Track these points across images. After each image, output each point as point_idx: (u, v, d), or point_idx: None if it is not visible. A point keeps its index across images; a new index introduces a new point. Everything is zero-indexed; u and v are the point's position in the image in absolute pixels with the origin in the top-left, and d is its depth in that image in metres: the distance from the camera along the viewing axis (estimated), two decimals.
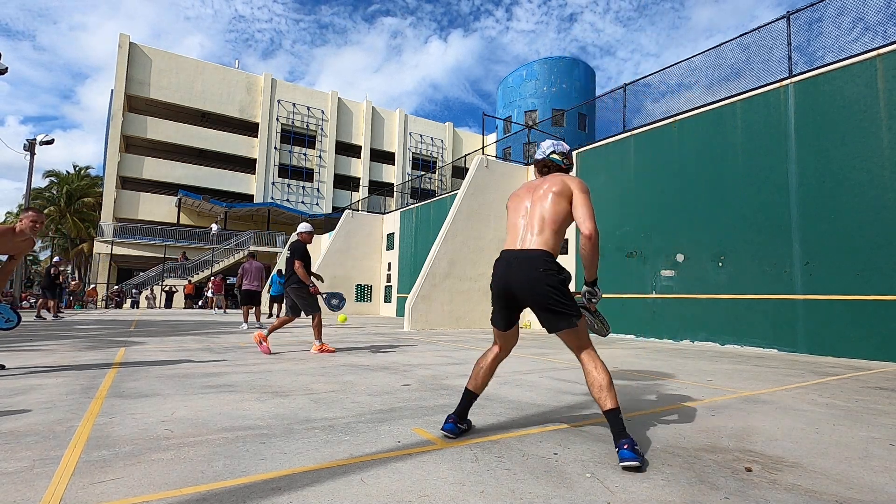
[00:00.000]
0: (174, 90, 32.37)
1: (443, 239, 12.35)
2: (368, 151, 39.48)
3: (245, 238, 30.51)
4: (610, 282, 11.09)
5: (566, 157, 2.59)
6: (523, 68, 30.57)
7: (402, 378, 4.32)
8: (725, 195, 8.90)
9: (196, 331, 9.76)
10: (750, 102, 8.75)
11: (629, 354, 6.85)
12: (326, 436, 2.48)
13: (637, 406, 3.35)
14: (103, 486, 1.77)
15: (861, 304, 7.00)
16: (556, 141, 2.64)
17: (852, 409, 3.37)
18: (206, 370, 4.60)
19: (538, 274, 2.22)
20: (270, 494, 1.72)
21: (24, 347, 6.33)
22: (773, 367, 5.70)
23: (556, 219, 2.31)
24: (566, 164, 2.60)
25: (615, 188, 11.22)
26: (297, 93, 36.70)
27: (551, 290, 2.20)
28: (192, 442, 2.33)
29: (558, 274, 2.23)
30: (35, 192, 34.65)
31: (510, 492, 1.79)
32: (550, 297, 2.20)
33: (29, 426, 2.56)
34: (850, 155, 7.35)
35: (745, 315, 8.39)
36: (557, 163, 2.58)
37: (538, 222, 2.33)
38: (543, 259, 2.25)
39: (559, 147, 2.61)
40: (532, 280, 2.23)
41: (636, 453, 2.03)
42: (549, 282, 2.20)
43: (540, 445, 2.37)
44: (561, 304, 2.20)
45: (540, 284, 2.21)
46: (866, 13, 7.66)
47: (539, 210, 2.36)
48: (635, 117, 11.18)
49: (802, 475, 2.02)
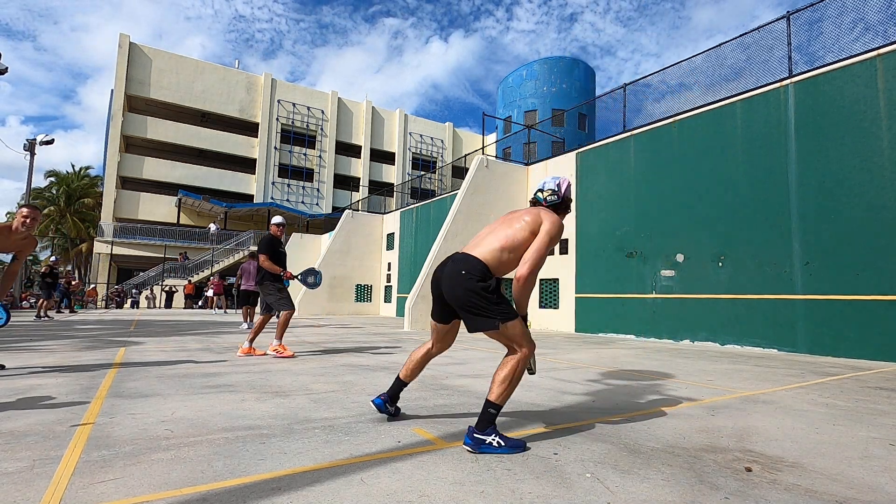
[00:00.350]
0: (174, 90, 32.37)
1: (443, 239, 12.35)
2: (368, 151, 39.47)
3: (245, 238, 30.50)
4: (610, 282, 11.09)
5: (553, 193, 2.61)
6: (523, 68, 30.58)
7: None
8: (725, 195, 8.90)
9: (196, 331, 9.76)
10: (750, 102, 8.75)
11: (629, 354, 6.85)
12: (326, 436, 2.48)
13: (637, 406, 3.35)
14: (103, 486, 1.77)
15: (861, 304, 7.00)
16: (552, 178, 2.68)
17: (852, 409, 3.37)
18: (206, 370, 4.60)
19: (459, 276, 2.30)
20: (270, 494, 1.72)
21: (24, 347, 6.33)
22: (773, 367, 5.70)
23: (511, 241, 2.36)
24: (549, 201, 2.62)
25: (615, 188, 11.22)
26: (297, 93, 36.71)
27: (470, 293, 2.26)
28: (192, 442, 2.33)
29: (480, 280, 2.27)
30: (35, 191, 34.66)
31: (510, 492, 1.79)
32: (466, 302, 2.28)
33: (29, 426, 2.56)
34: (850, 155, 7.35)
35: (745, 315, 8.39)
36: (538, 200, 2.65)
37: (493, 237, 2.41)
38: (472, 264, 2.31)
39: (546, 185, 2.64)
40: (453, 281, 2.32)
41: (474, 440, 2.21)
42: (467, 285, 2.27)
43: (540, 445, 2.37)
44: (477, 307, 2.26)
45: (459, 287, 2.30)
46: (866, 13, 7.66)
47: (503, 229, 2.43)
48: (635, 117, 11.19)
49: (802, 475, 2.02)
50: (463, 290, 2.28)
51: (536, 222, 2.39)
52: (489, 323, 2.25)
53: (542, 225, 2.38)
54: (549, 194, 2.61)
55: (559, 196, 2.61)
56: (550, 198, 2.61)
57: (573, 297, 12.02)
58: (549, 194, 2.61)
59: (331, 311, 20.46)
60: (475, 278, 2.28)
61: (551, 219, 2.41)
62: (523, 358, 2.29)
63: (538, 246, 2.33)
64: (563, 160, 12.94)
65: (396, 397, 2.80)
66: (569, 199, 2.66)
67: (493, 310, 2.26)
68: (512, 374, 2.28)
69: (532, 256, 2.30)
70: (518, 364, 2.29)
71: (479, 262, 2.32)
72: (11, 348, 6.20)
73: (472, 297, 2.26)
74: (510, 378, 2.27)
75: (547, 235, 2.35)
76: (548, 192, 2.61)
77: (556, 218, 2.43)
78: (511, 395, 2.33)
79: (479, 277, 2.28)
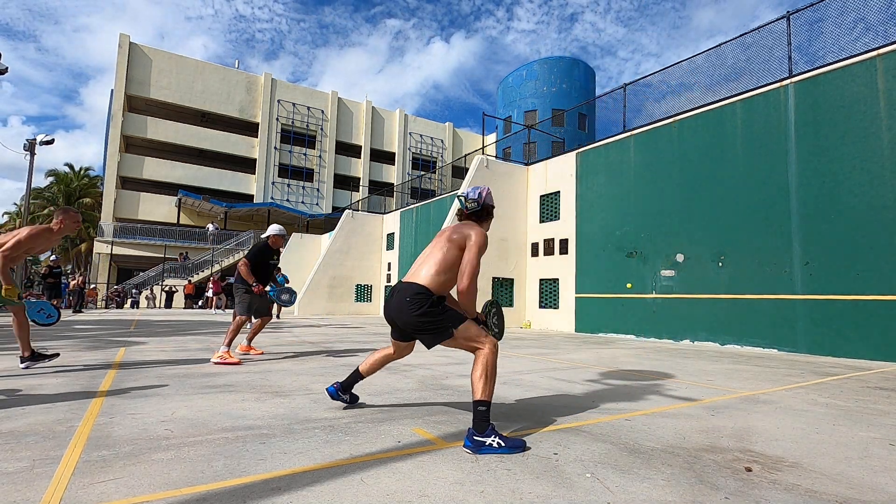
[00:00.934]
0: (174, 90, 32.35)
1: None
2: (368, 151, 39.46)
3: (245, 238, 30.49)
4: (610, 282, 11.09)
5: (474, 202, 2.75)
6: (523, 68, 30.58)
7: (402, 378, 4.32)
8: (725, 195, 8.90)
9: (196, 331, 9.76)
10: (750, 102, 8.75)
11: (629, 354, 6.85)
12: (326, 436, 2.48)
13: (637, 406, 3.35)
14: (103, 486, 1.77)
15: (861, 304, 7.00)
16: (473, 188, 2.80)
17: (852, 409, 3.37)
18: (206, 370, 4.60)
19: (405, 304, 2.50)
20: (270, 494, 1.72)
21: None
22: (773, 367, 5.70)
23: (444, 264, 2.56)
24: (470, 208, 2.76)
25: (615, 188, 11.22)
26: (297, 93, 36.70)
27: (417, 318, 2.46)
28: (192, 442, 2.33)
29: (421, 306, 2.46)
30: (34, 191, 34.65)
31: (510, 492, 1.79)
32: (417, 324, 2.49)
33: (29, 426, 2.56)
34: (850, 155, 7.35)
35: (745, 315, 8.39)
36: (462, 207, 2.80)
37: (428, 263, 2.59)
38: (415, 290, 2.50)
39: (468, 195, 2.78)
40: (402, 310, 2.52)
41: (474, 443, 2.26)
42: (414, 312, 2.46)
43: (540, 445, 2.37)
44: (429, 327, 2.47)
45: (406, 314, 2.50)
46: (867, 13, 7.66)
47: (434, 253, 2.62)
48: (635, 117, 11.19)
49: (802, 475, 2.02)
50: (411, 317, 2.48)
51: (462, 238, 2.57)
52: (444, 334, 2.45)
53: (468, 239, 2.55)
54: (471, 203, 2.75)
55: (479, 204, 2.75)
56: (471, 206, 2.76)
57: (573, 297, 12.02)
58: (471, 203, 2.75)
59: (331, 310, 20.46)
60: (416, 304, 2.47)
61: (476, 230, 2.59)
62: (490, 352, 2.43)
63: (469, 258, 2.50)
64: (563, 160, 12.94)
65: (351, 387, 3.07)
66: (489, 206, 2.79)
67: (442, 322, 2.45)
68: (485, 369, 2.40)
69: (467, 270, 2.48)
70: (488, 358, 2.42)
71: (420, 288, 2.50)
72: (11, 348, 6.20)
73: (421, 319, 2.46)
74: (486, 373, 2.39)
75: (476, 247, 2.52)
76: (470, 202, 2.76)
77: (479, 229, 2.61)
78: (494, 389, 2.44)
79: (418, 303, 2.47)
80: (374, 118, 40.14)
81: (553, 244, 12.87)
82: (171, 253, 29.78)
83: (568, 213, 12.51)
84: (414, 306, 2.47)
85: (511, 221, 13.60)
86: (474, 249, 2.51)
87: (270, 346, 6.87)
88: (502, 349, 7.18)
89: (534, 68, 30.08)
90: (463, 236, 2.59)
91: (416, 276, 2.57)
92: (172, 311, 21.41)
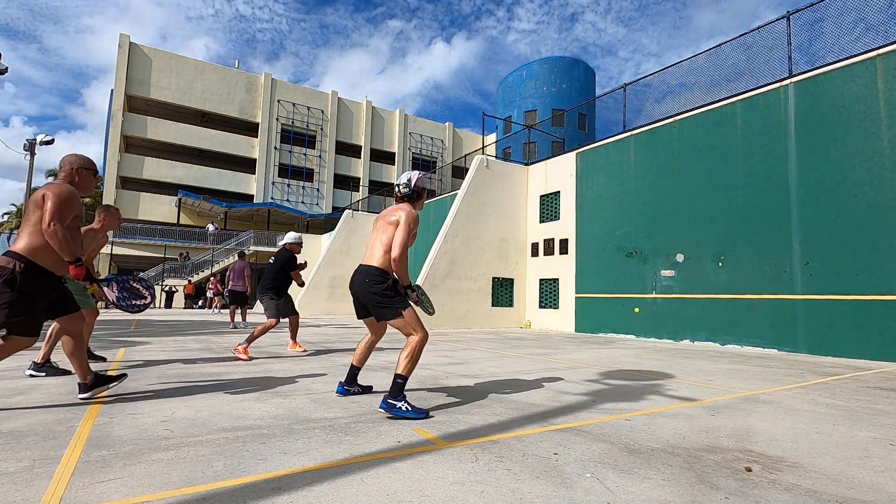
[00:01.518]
0: (174, 90, 32.36)
1: (443, 239, 12.35)
2: (368, 151, 39.46)
3: (245, 238, 30.49)
4: (610, 282, 11.09)
5: (405, 186, 3.24)
6: (523, 68, 30.59)
7: None
8: (725, 195, 8.90)
9: (196, 331, 9.76)
10: (750, 102, 8.75)
11: (629, 354, 6.85)
12: (326, 436, 2.48)
13: (637, 406, 3.35)
14: (103, 486, 1.77)
15: (861, 304, 7.00)
16: (406, 174, 3.28)
17: (852, 409, 3.37)
18: (206, 370, 4.60)
19: (365, 285, 3.04)
20: (270, 494, 1.72)
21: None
22: (773, 367, 5.70)
23: (387, 244, 3.08)
24: (403, 192, 3.25)
25: (615, 188, 11.22)
26: (297, 93, 36.70)
27: (374, 295, 3.00)
28: (192, 442, 2.33)
29: (379, 283, 3.01)
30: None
31: (510, 492, 1.79)
32: (374, 300, 3.02)
33: (29, 426, 2.56)
34: (850, 155, 7.35)
35: (745, 315, 8.39)
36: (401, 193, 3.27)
37: (376, 245, 3.13)
38: (371, 272, 3.05)
39: (401, 180, 3.27)
40: (362, 289, 3.06)
41: (387, 405, 2.85)
42: (371, 290, 3.00)
43: (540, 445, 2.37)
44: (382, 303, 2.99)
45: (366, 292, 3.04)
46: (868, 13, 7.66)
47: (379, 236, 3.15)
48: (636, 117, 11.19)
49: (802, 475, 2.02)
50: (369, 294, 3.02)
51: (396, 219, 3.08)
52: (392, 312, 2.97)
53: (400, 219, 3.05)
54: (403, 187, 3.25)
55: (411, 188, 3.23)
56: (404, 190, 3.25)
57: (573, 297, 12.02)
58: (403, 187, 3.25)
59: (331, 311, 20.46)
60: (375, 283, 3.01)
61: (406, 210, 3.10)
62: (420, 341, 2.92)
63: (400, 234, 3.02)
64: (563, 160, 12.94)
65: (355, 379, 3.51)
66: (420, 189, 3.26)
67: (393, 303, 2.99)
68: (412, 353, 2.91)
69: (398, 242, 3.00)
70: (417, 345, 2.92)
71: (375, 269, 3.04)
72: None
73: (377, 297, 3.00)
74: (411, 355, 2.90)
75: (405, 225, 3.04)
76: (402, 186, 3.25)
77: (409, 209, 3.12)
78: (413, 370, 2.96)
79: (378, 281, 3.02)
80: (374, 118, 40.14)
81: (553, 244, 12.87)
82: (171, 253, 29.79)
83: (568, 213, 12.51)
84: (373, 284, 3.01)
85: (511, 221, 13.60)
86: (404, 227, 3.02)
87: (271, 346, 6.87)
88: (502, 349, 7.18)
89: (534, 68, 30.09)
90: (396, 217, 3.09)
91: (371, 258, 3.10)
92: (172, 311, 21.41)
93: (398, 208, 3.16)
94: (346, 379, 3.49)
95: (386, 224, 3.12)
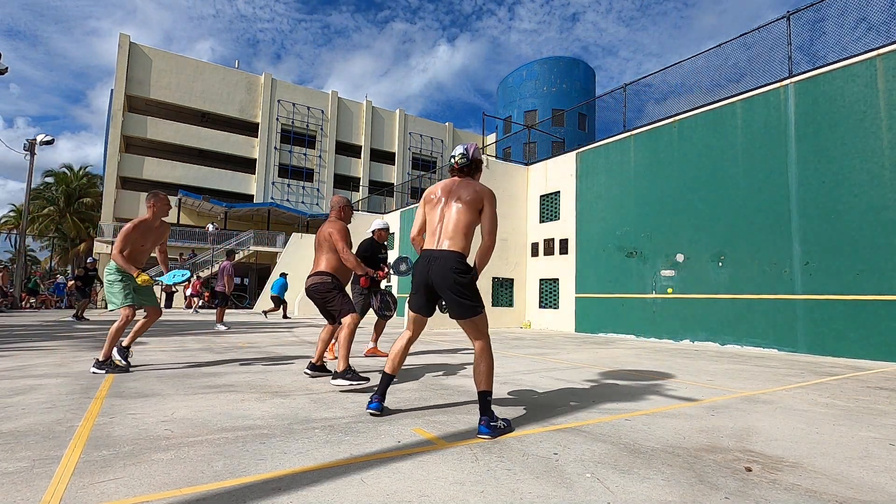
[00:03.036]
0: (174, 90, 32.34)
1: None
2: (368, 151, 39.44)
3: (245, 238, 30.48)
4: (610, 282, 11.09)
5: (463, 156, 2.89)
6: (523, 68, 30.57)
7: (403, 378, 4.32)
8: (725, 195, 8.90)
9: (196, 331, 9.76)
10: (750, 102, 8.75)
11: (629, 354, 6.85)
12: (326, 436, 2.48)
13: (637, 406, 3.35)
14: (103, 486, 1.77)
15: (861, 304, 7.00)
16: (462, 145, 2.94)
17: (852, 409, 3.37)
18: (206, 370, 4.60)
19: (449, 272, 2.65)
20: (270, 494, 1.72)
21: (23, 347, 6.33)
22: (773, 367, 5.70)
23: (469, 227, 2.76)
24: (460, 164, 2.89)
25: (615, 188, 11.22)
26: (297, 93, 36.69)
27: (459, 287, 2.63)
28: (192, 442, 2.33)
29: (466, 274, 2.67)
30: (34, 191, 34.62)
31: (510, 492, 1.79)
32: (459, 292, 2.63)
33: (29, 426, 2.56)
34: (850, 155, 7.35)
35: (745, 315, 8.39)
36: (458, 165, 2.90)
37: (455, 226, 2.75)
38: (457, 259, 2.67)
39: (456, 151, 2.92)
40: (445, 276, 2.65)
41: (490, 429, 2.49)
42: (459, 280, 2.63)
43: (540, 445, 2.37)
44: (466, 295, 2.64)
45: (449, 280, 2.64)
46: (869, 13, 7.65)
47: (454, 216, 2.77)
48: (636, 117, 11.19)
49: (802, 475, 2.02)
50: (455, 286, 2.64)
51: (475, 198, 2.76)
52: (474, 310, 2.66)
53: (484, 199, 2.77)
54: (460, 157, 2.89)
55: (468, 158, 2.89)
56: (461, 161, 2.89)
57: (573, 297, 12.02)
58: (460, 157, 2.89)
59: None
60: (462, 272, 2.66)
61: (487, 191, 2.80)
62: (489, 347, 2.70)
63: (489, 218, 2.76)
64: (563, 160, 12.94)
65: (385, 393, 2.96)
66: (478, 160, 2.93)
67: (476, 297, 2.68)
68: (489, 361, 2.66)
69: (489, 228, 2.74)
70: (489, 352, 2.68)
71: (460, 256, 2.69)
72: (12, 348, 6.20)
73: (463, 290, 2.64)
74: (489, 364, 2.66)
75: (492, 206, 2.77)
76: (458, 157, 2.90)
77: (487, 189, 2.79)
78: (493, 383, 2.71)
79: (464, 270, 2.67)
80: (374, 118, 40.13)
81: (553, 244, 12.87)
82: (172, 253, 29.76)
83: (568, 213, 12.51)
84: (461, 274, 2.64)
85: (511, 221, 13.60)
86: (490, 208, 2.74)
87: (271, 346, 6.87)
88: (502, 349, 7.18)
89: (534, 68, 30.07)
90: (475, 195, 2.75)
91: (451, 241, 2.71)
92: (172, 311, 21.41)
93: (471, 184, 2.80)
94: (380, 392, 2.90)
95: (461, 203, 2.75)
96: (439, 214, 2.81)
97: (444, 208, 2.81)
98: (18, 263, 22.76)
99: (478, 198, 2.75)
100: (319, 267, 4.08)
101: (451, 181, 2.90)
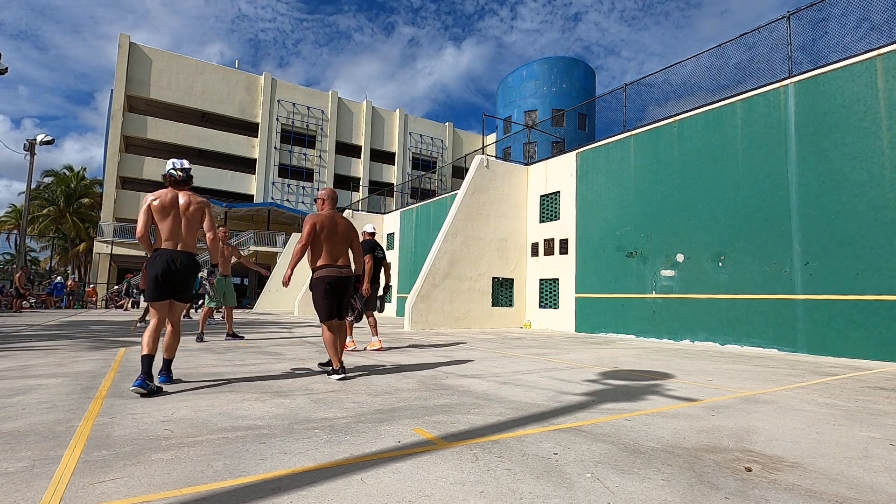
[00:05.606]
0: (174, 90, 32.35)
1: (443, 239, 12.35)
2: (368, 151, 39.45)
3: (245, 238, 30.48)
4: (610, 282, 11.09)
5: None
6: (523, 68, 30.57)
7: (402, 378, 4.32)
8: (725, 195, 8.90)
9: (196, 330, 9.74)
10: (750, 102, 8.75)
11: (629, 354, 6.85)
12: (327, 436, 2.48)
13: (637, 406, 3.35)
14: (103, 486, 1.77)
15: (861, 304, 7.00)
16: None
17: (852, 409, 3.37)
18: (206, 370, 4.60)
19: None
20: (270, 494, 1.72)
21: (23, 347, 6.33)
22: (773, 367, 5.70)
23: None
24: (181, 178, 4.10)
25: (615, 188, 11.22)
26: (297, 93, 36.69)
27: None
28: (192, 442, 2.33)
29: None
30: (34, 192, 34.61)
31: (510, 492, 1.79)
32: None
33: (29, 426, 2.56)
34: (850, 155, 7.35)
35: (745, 315, 8.39)
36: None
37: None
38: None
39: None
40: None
41: (143, 382, 3.28)
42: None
43: (540, 445, 2.37)
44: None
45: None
46: (871, 12, 7.65)
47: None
48: (636, 117, 11.19)
49: (802, 475, 2.02)
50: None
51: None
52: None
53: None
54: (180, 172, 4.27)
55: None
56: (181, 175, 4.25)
57: (573, 297, 12.02)
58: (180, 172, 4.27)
59: None
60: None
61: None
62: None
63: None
64: (563, 160, 12.94)
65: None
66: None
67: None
68: (173, 337, 3.82)
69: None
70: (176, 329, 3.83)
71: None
72: (12, 348, 6.20)
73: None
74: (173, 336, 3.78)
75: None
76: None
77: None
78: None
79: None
80: (374, 118, 40.14)
81: (553, 244, 12.87)
82: None
83: (568, 213, 12.51)
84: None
85: (511, 221, 13.60)
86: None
87: (271, 346, 6.87)
88: (502, 349, 7.18)
89: (534, 68, 30.07)
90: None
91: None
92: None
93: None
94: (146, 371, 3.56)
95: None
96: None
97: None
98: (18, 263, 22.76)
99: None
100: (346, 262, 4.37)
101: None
